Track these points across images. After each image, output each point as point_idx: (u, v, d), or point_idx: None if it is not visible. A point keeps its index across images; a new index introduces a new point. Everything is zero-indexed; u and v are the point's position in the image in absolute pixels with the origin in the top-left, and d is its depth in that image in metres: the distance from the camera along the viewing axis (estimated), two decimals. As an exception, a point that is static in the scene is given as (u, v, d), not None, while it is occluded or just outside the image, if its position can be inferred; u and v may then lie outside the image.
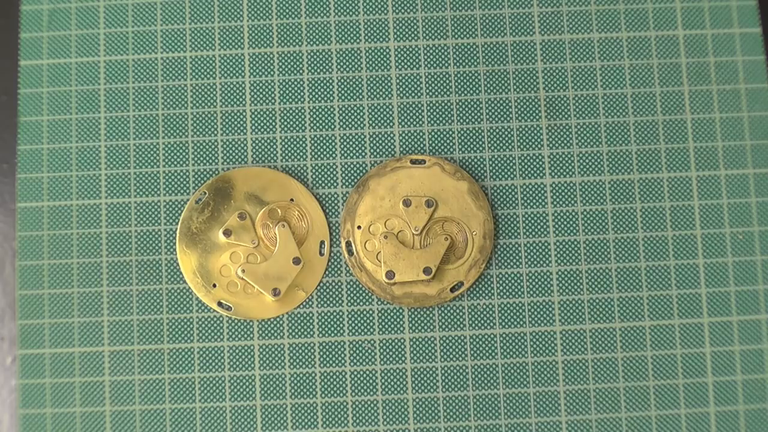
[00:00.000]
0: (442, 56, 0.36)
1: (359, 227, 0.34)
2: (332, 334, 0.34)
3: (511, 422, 0.33)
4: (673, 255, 0.34)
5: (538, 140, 0.35)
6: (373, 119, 0.35)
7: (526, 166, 0.35)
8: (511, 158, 0.35)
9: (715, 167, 0.35)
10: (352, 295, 0.34)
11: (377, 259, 0.33)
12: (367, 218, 0.34)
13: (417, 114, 0.35)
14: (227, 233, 0.33)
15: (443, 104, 0.35)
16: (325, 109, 0.35)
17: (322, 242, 0.34)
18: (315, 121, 0.35)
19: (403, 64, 0.36)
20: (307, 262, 0.34)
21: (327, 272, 0.34)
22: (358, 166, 0.35)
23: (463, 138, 0.35)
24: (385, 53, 0.36)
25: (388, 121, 0.35)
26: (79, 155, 0.35)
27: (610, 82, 0.36)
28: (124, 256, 0.34)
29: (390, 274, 0.33)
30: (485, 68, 0.36)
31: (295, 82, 0.35)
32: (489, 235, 0.34)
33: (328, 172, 0.35)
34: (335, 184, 0.35)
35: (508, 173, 0.35)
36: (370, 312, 0.34)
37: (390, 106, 0.35)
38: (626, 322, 0.34)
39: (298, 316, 0.34)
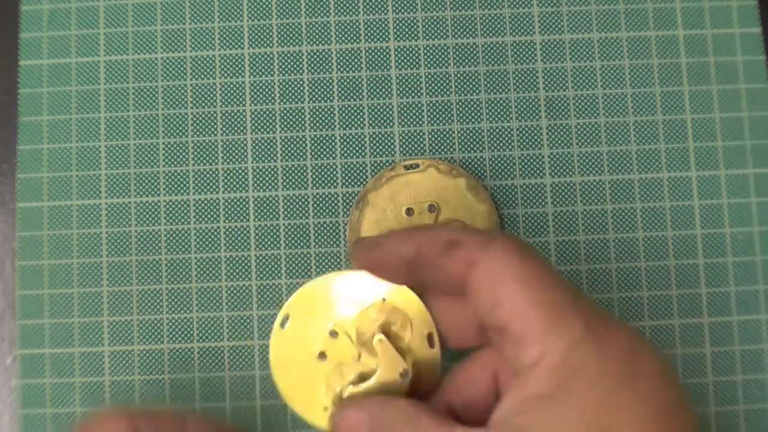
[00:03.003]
0: (442, 56, 0.36)
1: None
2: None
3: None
4: (673, 255, 0.34)
5: (538, 140, 0.35)
6: (373, 119, 0.35)
7: (526, 166, 0.35)
8: (511, 158, 0.35)
9: (715, 167, 0.35)
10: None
11: None
12: (373, 233, 0.33)
13: (417, 114, 0.35)
14: (323, 356, 0.30)
15: (443, 104, 0.35)
16: (325, 109, 0.35)
17: (430, 334, 0.30)
18: (315, 121, 0.35)
19: (403, 64, 0.36)
20: (417, 363, 0.30)
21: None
22: (358, 166, 0.35)
23: (463, 138, 0.35)
24: (385, 53, 0.36)
25: (388, 121, 0.35)
26: (79, 155, 0.35)
27: (610, 82, 0.36)
28: (124, 256, 0.34)
29: None
30: (485, 68, 0.36)
31: (295, 82, 0.35)
32: (496, 228, 0.34)
33: (328, 172, 0.35)
34: (335, 184, 0.35)
35: (508, 173, 0.35)
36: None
37: (390, 106, 0.35)
38: (627, 322, 0.34)
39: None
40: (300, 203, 0.35)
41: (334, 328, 0.30)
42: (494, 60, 0.36)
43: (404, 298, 0.30)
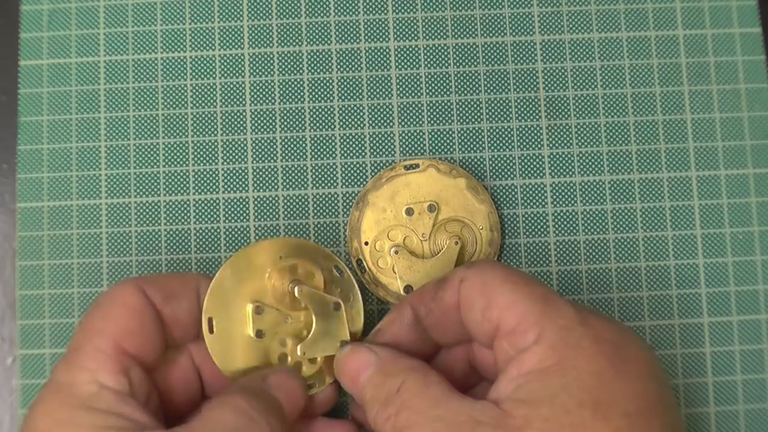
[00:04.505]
0: (442, 56, 0.36)
1: (366, 243, 0.33)
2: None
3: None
4: (673, 255, 0.34)
5: (538, 140, 0.35)
6: (373, 119, 0.35)
7: (526, 166, 0.35)
8: (511, 158, 0.35)
9: (715, 167, 0.35)
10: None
11: (393, 271, 0.33)
12: (373, 233, 0.34)
13: (417, 114, 0.35)
14: (260, 334, 0.30)
15: (443, 104, 0.35)
16: (325, 109, 0.35)
17: (336, 266, 0.32)
18: (315, 121, 0.35)
19: (403, 64, 0.36)
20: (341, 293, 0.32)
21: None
22: (358, 166, 0.35)
23: (463, 138, 0.35)
24: (385, 53, 0.36)
25: (388, 121, 0.35)
26: (79, 155, 0.35)
27: (610, 82, 0.36)
28: (124, 256, 0.34)
29: (408, 289, 0.33)
30: (485, 68, 0.36)
31: (295, 82, 0.35)
32: (495, 227, 0.34)
33: (328, 172, 0.35)
34: (335, 184, 0.35)
35: (508, 173, 0.35)
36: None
37: (390, 106, 0.35)
38: (627, 322, 0.34)
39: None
40: (300, 203, 0.35)
41: (257, 305, 0.30)
42: (494, 60, 0.36)
43: (293, 245, 0.31)
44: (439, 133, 0.35)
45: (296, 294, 0.30)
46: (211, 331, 0.29)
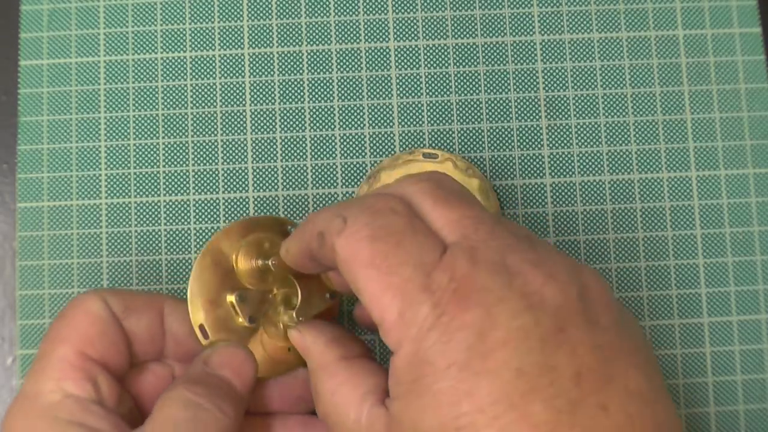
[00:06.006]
0: (442, 56, 0.36)
1: None
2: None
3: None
4: (673, 255, 0.34)
5: (538, 140, 0.35)
6: (373, 119, 0.35)
7: (526, 166, 0.35)
8: (511, 158, 0.35)
9: (715, 167, 0.35)
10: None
11: None
12: None
13: (417, 114, 0.35)
14: (252, 320, 0.30)
15: (443, 104, 0.35)
16: (325, 109, 0.35)
17: (285, 232, 0.32)
18: (315, 121, 0.35)
19: (403, 64, 0.36)
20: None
21: None
22: (358, 166, 0.35)
23: (463, 138, 0.35)
24: (385, 53, 0.36)
25: (388, 121, 0.35)
26: (79, 155, 0.35)
27: (610, 82, 0.36)
28: (124, 257, 0.34)
29: None
30: (485, 68, 0.36)
31: (295, 82, 0.35)
32: None
33: (328, 172, 0.35)
34: (335, 184, 0.35)
35: (508, 173, 0.35)
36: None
37: (390, 106, 0.35)
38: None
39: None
40: (300, 203, 0.35)
41: (238, 294, 0.30)
42: (494, 60, 0.36)
43: (248, 224, 0.31)
44: (439, 133, 0.35)
45: (271, 266, 0.30)
46: (206, 337, 0.29)
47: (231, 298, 0.30)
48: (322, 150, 0.35)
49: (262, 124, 0.35)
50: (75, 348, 0.27)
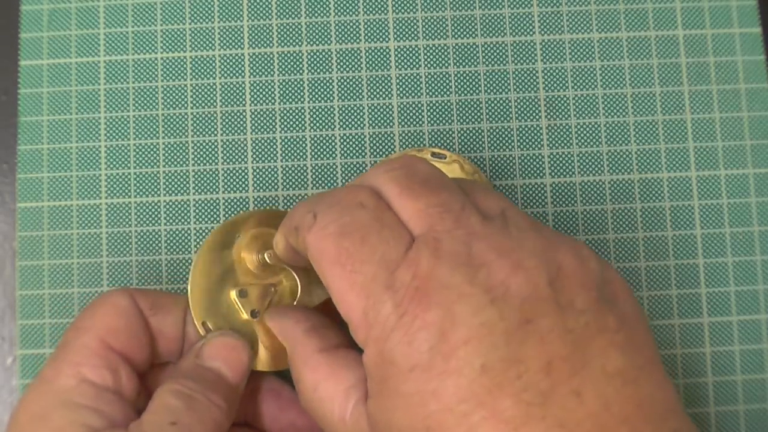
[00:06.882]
0: (442, 56, 0.36)
1: None
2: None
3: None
4: (673, 255, 0.34)
5: (538, 140, 0.35)
6: (373, 119, 0.35)
7: (526, 166, 0.35)
8: (511, 158, 0.35)
9: (715, 167, 0.35)
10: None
11: None
12: None
13: (417, 114, 0.35)
14: (254, 314, 0.30)
15: (443, 104, 0.35)
16: (325, 109, 0.35)
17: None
18: (315, 121, 0.35)
19: (403, 64, 0.36)
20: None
21: None
22: (358, 166, 0.35)
23: (463, 138, 0.35)
24: (385, 53, 0.36)
25: (388, 121, 0.35)
26: (79, 155, 0.35)
27: (610, 82, 0.36)
28: (124, 257, 0.34)
29: None
30: (485, 68, 0.36)
31: (295, 82, 0.35)
32: None
33: (328, 172, 0.35)
34: (335, 184, 0.35)
35: (508, 173, 0.35)
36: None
37: (390, 106, 0.35)
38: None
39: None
40: (300, 203, 0.35)
41: (239, 289, 0.30)
42: (494, 60, 0.36)
43: (244, 220, 0.31)
44: (439, 133, 0.35)
45: (267, 259, 0.30)
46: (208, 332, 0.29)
47: (232, 294, 0.30)
48: (322, 150, 0.35)
49: (262, 124, 0.35)
50: (98, 337, 0.27)
